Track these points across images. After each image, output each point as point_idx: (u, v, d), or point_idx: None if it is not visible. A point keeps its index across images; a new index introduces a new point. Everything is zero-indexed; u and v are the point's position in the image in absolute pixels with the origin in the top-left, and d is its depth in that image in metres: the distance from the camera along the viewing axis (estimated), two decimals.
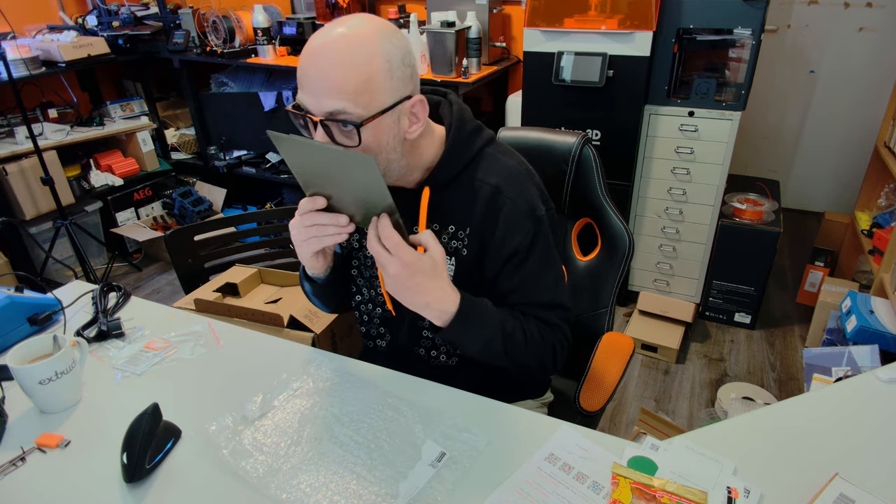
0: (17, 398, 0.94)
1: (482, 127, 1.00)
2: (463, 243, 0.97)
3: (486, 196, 0.94)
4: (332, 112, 0.80)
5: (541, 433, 0.86)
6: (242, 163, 3.34)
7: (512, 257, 0.95)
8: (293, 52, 2.98)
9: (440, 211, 0.97)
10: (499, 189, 0.94)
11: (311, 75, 0.80)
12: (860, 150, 3.13)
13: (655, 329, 2.39)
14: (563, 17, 2.15)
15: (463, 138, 0.95)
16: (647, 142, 2.31)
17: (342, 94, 0.79)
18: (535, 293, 0.97)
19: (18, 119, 2.81)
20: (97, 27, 3.12)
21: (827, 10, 2.99)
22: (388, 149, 0.87)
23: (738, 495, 0.75)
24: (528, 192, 0.95)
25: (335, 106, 0.80)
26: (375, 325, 1.11)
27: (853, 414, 0.89)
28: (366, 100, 0.80)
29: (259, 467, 0.81)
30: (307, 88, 0.81)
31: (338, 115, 0.80)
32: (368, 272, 1.06)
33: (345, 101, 0.79)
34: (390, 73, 0.81)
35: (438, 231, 0.98)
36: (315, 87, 0.80)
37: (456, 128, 0.95)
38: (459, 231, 0.97)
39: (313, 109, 0.82)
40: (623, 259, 1.21)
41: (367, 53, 0.79)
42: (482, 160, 0.97)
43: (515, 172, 0.97)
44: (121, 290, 1.25)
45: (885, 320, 1.89)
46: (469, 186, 0.95)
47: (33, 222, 2.77)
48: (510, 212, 0.93)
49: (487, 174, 0.95)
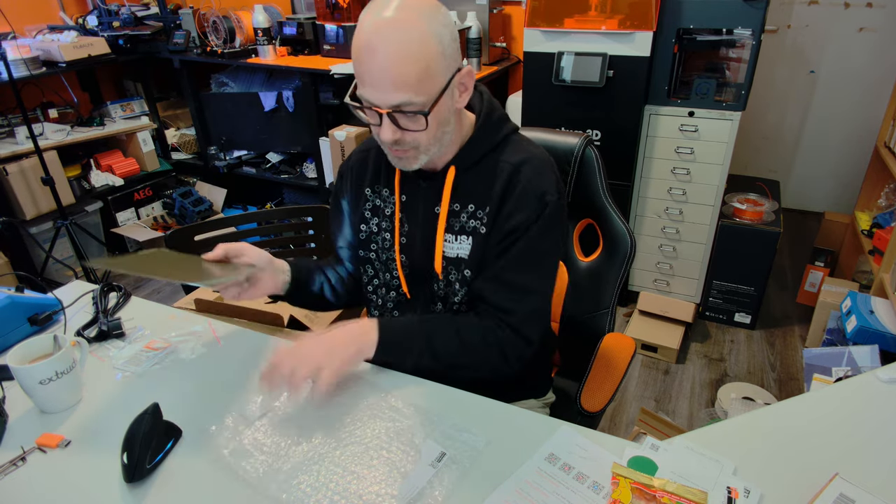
0: (18, 398, 0.94)
1: (508, 117, 1.04)
2: (481, 222, 0.99)
3: (506, 175, 0.97)
4: (398, 105, 0.84)
5: (541, 433, 0.86)
6: (242, 163, 3.34)
7: (512, 233, 0.97)
8: (293, 53, 2.98)
9: (462, 191, 1.00)
10: (518, 169, 0.97)
11: (372, 70, 0.82)
12: (860, 150, 3.13)
13: (655, 329, 2.39)
14: (563, 17, 2.15)
15: (491, 123, 1.00)
16: (647, 142, 2.31)
17: (406, 87, 0.82)
18: (513, 271, 0.98)
19: (19, 119, 2.81)
20: (97, 27, 3.12)
21: (827, 10, 2.99)
22: (445, 123, 0.91)
23: (738, 495, 0.75)
24: (544, 176, 0.98)
25: (401, 99, 0.83)
26: (389, 308, 1.13)
27: (853, 414, 0.89)
28: (427, 86, 0.84)
29: (259, 467, 0.81)
30: (370, 84, 0.84)
31: (405, 106, 0.84)
32: (385, 255, 1.08)
33: (410, 92, 0.83)
34: (443, 53, 0.84)
35: (458, 211, 1.00)
36: (377, 82, 0.83)
37: (486, 114, 0.99)
38: (479, 210, 0.99)
39: (378, 102, 0.85)
40: (624, 260, 1.21)
41: (420, 41, 0.81)
42: (508, 145, 1.01)
43: (538, 158, 1.00)
44: (121, 290, 1.25)
45: (885, 320, 1.89)
46: (492, 168, 0.99)
47: (33, 222, 2.77)
48: (523, 191, 0.96)
49: (511, 156, 0.99)
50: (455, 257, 1.01)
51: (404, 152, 0.92)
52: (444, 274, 1.03)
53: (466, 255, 1.00)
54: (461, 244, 1.00)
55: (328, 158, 2.91)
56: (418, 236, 1.04)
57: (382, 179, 1.07)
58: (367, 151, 1.11)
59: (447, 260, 1.01)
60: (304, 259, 1.18)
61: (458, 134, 0.98)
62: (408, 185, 1.04)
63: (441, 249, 1.01)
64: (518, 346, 0.99)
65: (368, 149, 1.11)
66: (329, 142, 2.80)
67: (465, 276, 1.02)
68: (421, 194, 1.02)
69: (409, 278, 1.08)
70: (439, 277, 1.03)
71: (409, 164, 0.94)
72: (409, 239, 1.05)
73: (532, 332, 1.00)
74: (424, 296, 1.08)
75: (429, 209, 1.02)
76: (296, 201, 3.45)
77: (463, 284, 1.02)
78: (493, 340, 0.97)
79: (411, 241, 1.05)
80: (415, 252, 1.05)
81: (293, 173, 3.22)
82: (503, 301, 0.98)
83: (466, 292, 1.03)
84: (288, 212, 1.96)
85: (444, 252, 1.01)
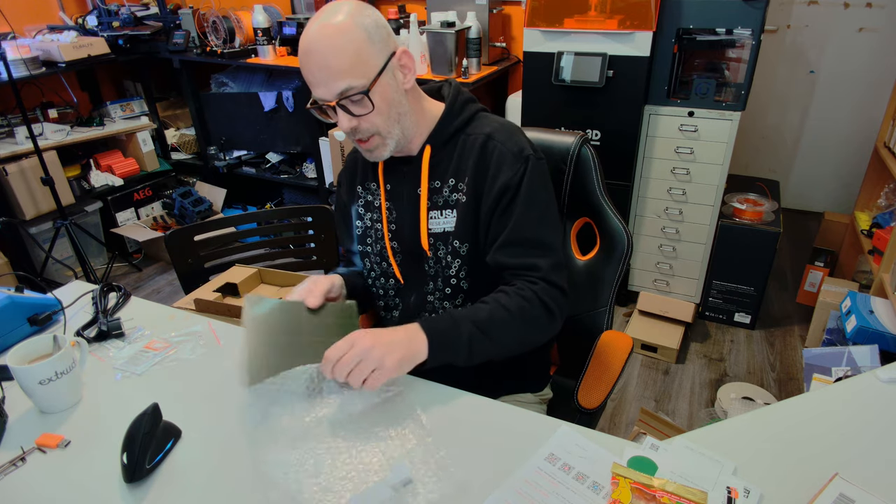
0: (17, 398, 0.94)
1: (476, 99, 1.11)
2: (462, 193, 1.04)
3: (479, 144, 1.03)
4: (341, 92, 0.92)
5: (540, 433, 0.86)
6: (242, 163, 3.34)
7: (503, 195, 1.01)
8: (293, 52, 2.98)
9: (440, 168, 1.05)
10: (490, 136, 1.04)
11: (313, 70, 0.92)
12: (860, 150, 3.13)
13: (655, 329, 2.39)
14: (563, 17, 2.15)
15: (459, 104, 1.07)
16: (646, 142, 2.31)
17: (343, 74, 0.91)
18: (522, 229, 1.00)
19: (18, 119, 2.81)
20: (97, 27, 3.12)
21: (827, 10, 2.99)
22: (397, 104, 0.98)
23: (737, 495, 0.75)
24: (517, 137, 1.04)
25: (341, 86, 0.91)
26: (391, 296, 1.17)
27: (853, 414, 0.89)
28: (362, 70, 0.92)
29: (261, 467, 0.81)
30: (314, 82, 0.93)
31: (347, 92, 0.92)
32: (379, 245, 1.12)
33: (348, 78, 0.91)
34: (370, 39, 0.92)
35: (439, 188, 1.05)
36: (319, 79, 0.92)
37: (453, 96, 1.07)
38: (459, 183, 1.04)
39: (326, 97, 0.94)
40: (622, 258, 1.21)
41: (346, 33, 0.90)
42: (476, 120, 1.08)
43: (507, 125, 1.07)
44: (121, 290, 1.25)
45: (884, 320, 1.89)
46: (464, 141, 1.05)
47: (33, 222, 2.77)
48: (500, 153, 1.02)
49: (480, 128, 1.06)
50: (442, 232, 1.05)
51: (370, 141, 0.99)
52: (433, 251, 1.06)
53: (452, 228, 1.04)
54: (446, 218, 1.05)
55: (328, 158, 2.91)
56: (406, 220, 1.09)
57: (370, 174, 1.13)
58: (356, 152, 1.16)
59: (434, 236, 1.06)
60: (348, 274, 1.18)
61: (426, 118, 1.05)
62: (391, 173, 1.10)
63: (426, 226, 1.05)
64: (555, 295, 1.00)
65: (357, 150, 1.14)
66: (329, 142, 2.80)
67: (454, 247, 1.05)
68: (404, 179, 1.08)
69: (402, 263, 1.12)
70: (427, 254, 1.07)
71: (378, 154, 1.01)
72: (397, 224, 1.10)
73: (562, 280, 1.02)
74: (417, 278, 1.11)
75: (412, 192, 1.07)
76: (295, 201, 3.45)
77: (455, 257, 1.05)
78: (532, 296, 0.98)
79: (400, 225, 1.10)
80: (404, 235, 1.10)
81: (293, 173, 3.22)
82: (525, 258, 1.01)
83: (461, 265, 1.06)
84: (288, 212, 1.96)
85: (430, 228, 1.06)
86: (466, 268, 1.06)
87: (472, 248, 1.05)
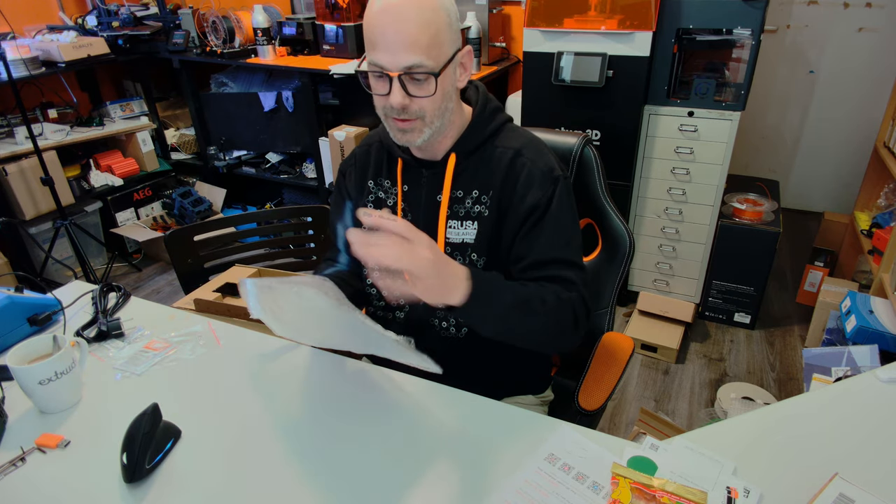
0: (17, 398, 0.94)
1: (503, 108, 1.08)
2: (485, 206, 1.01)
3: (508, 160, 1.01)
4: (409, 66, 0.86)
5: (540, 433, 0.86)
6: (242, 163, 3.34)
7: (530, 214, 0.98)
8: (293, 53, 2.98)
9: (464, 178, 1.02)
10: (519, 152, 1.01)
11: (386, 33, 0.85)
12: (860, 150, 3.14)
13: (655, 329, 2.39)
14: (562, 17, 2.15)
15: (487, 112, 1.04)
16: (646, 142, 2.31)
17: (418, 49, 0.85)
18: (551, 250, 0.98)
19: (18, 119, 2.81)
20: (97, 27, 3.12)
21: (827, 10, 2.99)
22: (449, 98, 0.94)
23: (737, 495, 0.75)
24: (546, 156, 1.02)
25: (412, 60, 0.86)
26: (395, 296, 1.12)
27: (853, 414, 0.89)
28: (436, 52, 0.87)
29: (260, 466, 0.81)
30: (382, 46, 0.86)
31: (416, 68, 0.87)
32: None
33: (421, 55, 0.86)
34: (451, 25, 0.89)
35: (461, 198, 1.02)
36: (391, 44, 0.86)
37: (482, 104, 1.04)
38: (483, 196, 1.01)
39: (389, 66, 0.87)
40: (624, 259, 1.21)
41: (433, 9, 0.86)
42: (503, 132, 1.05)
43: (535, 140, 1.05)
44: (121, 290, 1.25)
45: (884, 320, 1.89)
46: (491, 154, 1.02)
47: (33, 222, 2.77)
48: (529, 171, 0.99)
49: (509, 142, 1.03)
50: (460, 242, 1.02)
51: (410, 123, 0.93)
52: None
53: (472, 240, 1.02)
54: (466, 229, 1.02)
55: (328, 158, 2.91)
56: (421, 224, 1.01)
57: (385, 171, 1.09)
58: (369, 146, 1.13)
59: (451, 246, 1.03)
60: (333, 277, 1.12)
61: (458, 121, 1.01)
62: (409, 175, 1.06)
63: (444, 235, 1.03)
64: (582, 310, 0.96)
65: (370, 143, 1.13)
66: (329, 142, 2.80)
67: (471, 259, 1.02)
68: (423, 183, 1.04)
69: None
70: None
71: (413, 137, 0.95)
72: None
73: (590, 301, 0.98)
74: None
75: (431, 197, 1.04)
76: (295, 201, 3.45)
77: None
78: (567, 301, 0.94)
79: None
80: None
81: (293, 173, 3.22)
82: (563, 273, 0.97)
83: None
84: (287, 212, 1.96)
85: (448, 238, 1.03)
86: None
87: (488, 263, 1.03)
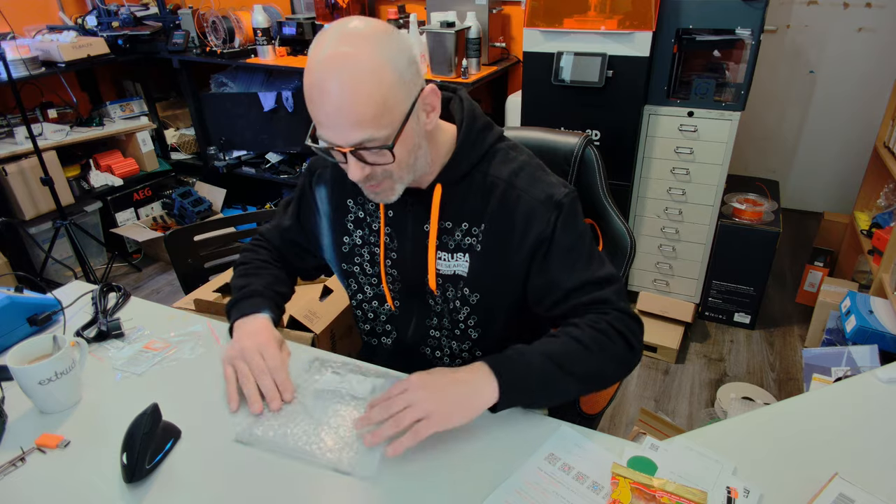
0: (17, 398, 0.94)
1: (492, 124, 0.99)
2: (477, 239, 0.96)
3: (500, 192, 0.94)
4: (359, 143, 0.79)
5: (540, 433, 0.86)
6: (242, 163, 3.34)
7: (537, 248, 0.93)
8: (293, 53, 2.98)
9: (451, 208, 0.96)
10: (512, 184, 0.94)
11: (327, 112, 0.77)
12: (860, 150, 3.14)
13: (655, 329, 2.39)
14: (562, 17, 2.15)
15: (474, 135, 0.95)
16: (646, 142, 2.31)
17: (365, 124, 0.77)
18: (572, 276, 0.93)
19: (18, 119, 2.81)
20: (97, 27, 3.12)
21: (826, 10, 2.99)
22: (416, 148, 0.86)
23: (737, 495, 0.75)
24: (541, 181, 0.94)
25: (361, 137, 0.78)
26: (381, 322, 1.10)
27: (853, 414, 0.90)
28: (387, 120, 0.78)
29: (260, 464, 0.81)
30: (327, 126, 0.79)
31: (366, 143, 0.79)
32: (372, 269, 1.05)
33: (370, 129, 0.78)
34: (401, 80, 0.78)
35: (450, 228, 0.97)
36: (335, 125, 0.78)
37: (467, 124, 0.94)
38: (473, 227, 0.96)
39: (339, 143, 0.80)
40: (625, 260, 1.21)
41: (373, 73, 0.75)
42: (493, 156, 0.96)
43: (526, 165, 0.96)
44: (120, 290, 1.25)
45: (884, 320, 1.89)
46: (481, 183, 0.95)
47: (33, 222, 2.77)
48: (527, 205, 0.93)
49: (499, 169, 0.95)
50: (452, 274, 0.98)
51: (378, 186, 0.87)
52: (441, 290, 1.00)
53: (465, 273, 0.97)
54: (458, 262, 0.97)
55: None
56: (408, 254, 1.01)
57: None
58: None
59: (443, 277, 0.99)
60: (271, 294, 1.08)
61: (439, 151, 0.93)
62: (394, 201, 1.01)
63: (434, 267, 0.98)
64: (629, 323, 0.92)
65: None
66: None
67: (464, 294, 0.99)
68: (409, 210, 0.99)
69: (400, 292, 1.05)
70: (434, 293, 1.01)
71: (386, 197, 0.90)
72: (398, 254, 1.01)
73: (628, 308, 0.94)
74: (419, 309, 1.05)
75: (418, 226, 0.98)
76: None
77: (464, 304, 0.99)
78: (607, 327, 0.89)
79: (401, 255, 1.01)
80: (406, 267, 1.02)
81: (292, 173, 3.22)
82: (592, 294, 0.93)
83: (469, 313, 1.00)
84: None
85: (439, 269, 0.98)
86: (476, 317, 1.00)
87: (483, 300, 0.98)
